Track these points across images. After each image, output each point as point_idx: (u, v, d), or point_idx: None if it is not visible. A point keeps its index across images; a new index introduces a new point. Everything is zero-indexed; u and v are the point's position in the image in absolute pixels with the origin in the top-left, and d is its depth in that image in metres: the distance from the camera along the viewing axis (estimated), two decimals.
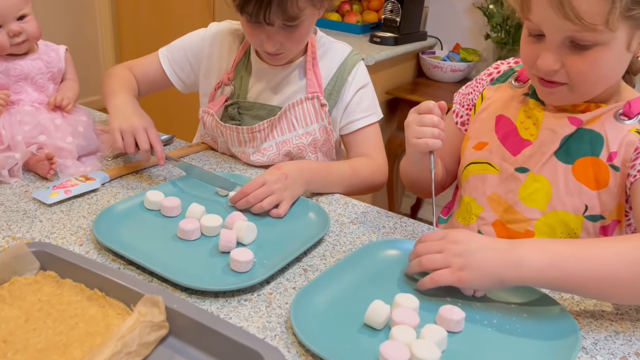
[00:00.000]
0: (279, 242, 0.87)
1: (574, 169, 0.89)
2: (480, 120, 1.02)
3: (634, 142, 0.85)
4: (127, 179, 1.05)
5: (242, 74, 1.18)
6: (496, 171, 0.97)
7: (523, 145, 0.94)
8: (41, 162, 1.00)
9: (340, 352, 0.65)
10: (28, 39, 1.04)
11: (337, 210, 1.00)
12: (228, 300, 0.74)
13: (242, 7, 1.00)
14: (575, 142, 0.89)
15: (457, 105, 1.11)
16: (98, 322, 0.67)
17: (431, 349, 0.64)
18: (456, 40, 2.57)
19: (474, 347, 0.69)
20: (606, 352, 0.70)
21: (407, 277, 0.81)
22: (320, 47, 1.18)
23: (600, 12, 0.75)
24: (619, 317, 0.77)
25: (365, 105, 1.18)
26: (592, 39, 0.78)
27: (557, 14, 0.77)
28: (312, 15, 1.06)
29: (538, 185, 0.92)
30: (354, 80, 1.17)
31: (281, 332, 0.69)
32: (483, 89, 1.05)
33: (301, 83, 1.16)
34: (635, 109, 0.87)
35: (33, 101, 1.07)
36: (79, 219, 0.90)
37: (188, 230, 0.85)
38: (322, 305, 0.73)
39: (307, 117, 1.15)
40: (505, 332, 0.72)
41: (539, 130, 0.92)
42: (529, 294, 0.78)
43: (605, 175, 0.87)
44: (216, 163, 1.16)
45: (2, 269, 0.71)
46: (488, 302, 0.77)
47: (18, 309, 0.68)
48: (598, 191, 0.88)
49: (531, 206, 0.93)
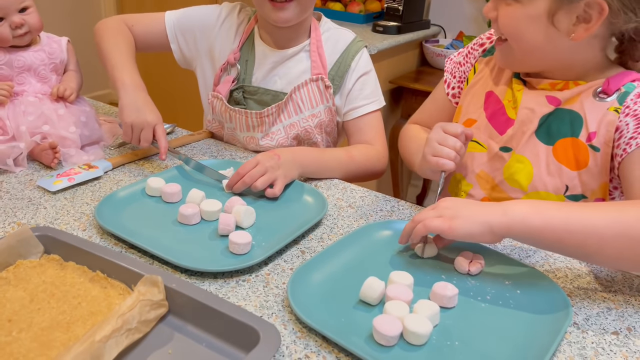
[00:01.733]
0: (277, 225, 0.89)
1: (554, 150, 0.91)
2: (471, 95, 1.04)
3: (613, 122, 0.86)
4: (129, 167, 1.07)
5: (246, 57, 1.19)
6: (484, 149, 0.98)
7: (509, 124, 0.95)
8: (45, 151, 1.03)
9: (335, 326, 0.67)
10: (30, 30, 1.06)
11: (336, 195, 1.01)
12: (227, 281, 0.76)
13: None
14: (556, 123, 0.91)
15: (448, 74, 1.11)
16: (100, 302, 0.69)
17: (423, 323, 0.65)
18: (460, 28, 2.57)
19: (467, 321, 0.70)
20: (598, 327, 0.71)
21: (402, 254, 0.83)
22: (324, 32, 1.19)
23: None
24: (612, 293, 0.78)
25: (367, 92, 1.19)
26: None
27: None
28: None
29: (520, 166, 0.93)
30: (357, 66, 1.18)
31: (278, 310, 0.71)
32: (475, 61, 1.06)
33: (305, 66, 1.17)
34: (613, 85, 0.87)
35: (36, 92, 1.09)
36: (82, 206, 0.92)
37: (188, 214, 0.87)
38: (318, 282, 0.75)
39: (312, 99, 1.16)
40: (498, 307, 0.73)
41: (518, 110, 0.93)
42: (523, 272, 0.79)
43: (585, 155, 0.88)
44: (217, 151, 1.18)
45: (7, 252, 0.73)
46: (482, 280, 0.78)
47: (23, 290, 0.70)
48: (578, 171, 0.89)
49: (514, 186, 0.94)
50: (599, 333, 0.70)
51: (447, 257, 0.83)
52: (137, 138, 1.03)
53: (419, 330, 0.65)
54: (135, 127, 1.02)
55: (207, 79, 1.25)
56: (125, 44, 1.16)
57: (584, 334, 0.70)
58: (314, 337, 0.66)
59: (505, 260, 0.82)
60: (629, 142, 0.83)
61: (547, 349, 0.64)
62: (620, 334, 0.70)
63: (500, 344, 0.67)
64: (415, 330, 0.64)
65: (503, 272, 0.80)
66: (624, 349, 0.68)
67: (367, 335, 0.66)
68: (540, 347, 0.65)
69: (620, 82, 0.86)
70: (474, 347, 0.66)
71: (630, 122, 0.84)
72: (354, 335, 0.66)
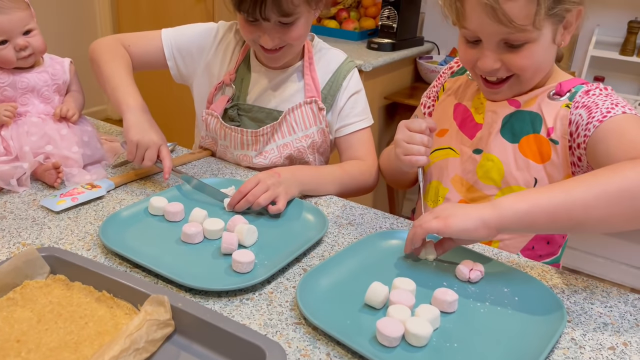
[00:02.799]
0: (279, 244, 0.90)
1: (520, 146, 0.97)
2: (441, 109, 1.11)
3: (566, 116, 0.94)
4: (131, 186, 1.08)
5: (242, 76, 1.22)
6: (457, 155, 1.04)
7: (477, 128, 1.03)
8: (48, 171, 1.04)
9: (341, 327, 0.70)
10: (34, 52, 1.08)
11: (336, 212, 1.03)
12: (231, 300, 0.77)
13: (239, 5, 1.04)
14: (518, 123, 0.98)
15: (425, 98, 1.19)
16: (107, 322, 0.70)
17: (424, 326, 0.69)
18: (453, 44, 2.61)
19: (466, 325, 0.74)
20: (595, 342, 0.73)
21: (405, 262, 0.87)
22: (316, 52, 1.22)
23: (528, 14, 0.85)
24: (608, 309, 0.80)
25: (358, 110, 1.23)
26: (523, 38, 0.89)
27: (491, 20, 0.87)
28: (307, 14, 1.09)
29: (491, 164, 0.99)
30: (348, 86, 1.22)
31: (282, 328, 0.72)
32: (444, 81, 1.14)
33: (298, 86, 1.20)
34: (565, 88, 0.96)
35: (39, 113, 1.10)
36: (86, 225, 0.93)
37: (191, 233, 0.89)
38: (325, 287, 0.79)
39: (306, 120, 1.19)
40: (497, 312, 0.77)
41: (485, 114, 1.01)
42: (521, 280, 0.83)
43: (547, 149, 0.96)
44: (217, 169, 1.20)
45: (14, 273, 0.74)
46: (482, 287, 0.82)
47: (30, 311, 0.71)
48: (543, 164, 0.96)
49: (488, 183, 1.00)
50: (596, 348, 0.72)
51: (449, 265, 0.86)
52: (140, 157, 1.04)
53: (419, 332, 0.68)
54: (140, 147, 1.04)
55: (203, 95, 1.27)
56: (124, 64, 1.17)
57: (582, 350, 0.72)
58: (319, 355, 0.68)
59: (504, 269, 0.86)
60: (587, 127, 0.89)
61: (542, 351, 0.67)
62: (617, 348, 0.72)
63: (498, 346, 0.70)
64: (416, 332, 0.68)
65: (502, 280, 0.83)
66: None
67: (371, 337, 0.70)
68: (536, 349, 0.68)
69: (571, 85, 0.96)
70: (473, 349, 0.69)
71: (583, 113, 0.91)
72: (359, 336, 0.70)
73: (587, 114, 0.90)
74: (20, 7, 1.05)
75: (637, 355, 0.71)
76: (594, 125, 0.88)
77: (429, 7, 2.58)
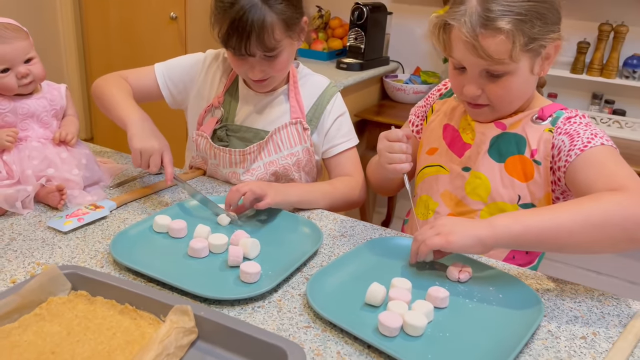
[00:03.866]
0: (280, 255, 0.97)
1: (506, 166, 1.07)
2: (430, 130, 1.20)
3: (549, 140, 1.04)
4: (132, 206, 1.13)
5: (230, 99, 1.30)
6: (446, 172, 1.14)
7: (465, 148, 1.12)
8: (52, 193, 1.08)
9: (347, 322, 0.79)
10: (34, 80, 1.13)
11: (328, 225, 1.11)
12: (243, 308, 0.83)
13: (226, 42, 1.14)
14: (504, 144, 1.07)
15: (412, 116, 1.29)
16: (133, 332, 0.75)
17: (419, 318, 0.79)
18: (416, 64, 2.75)
19: (457, 318, 0.84)
20: (568, 333, 0.83)
21: (401, 265, 0.97)
22: (301, 77, 1.31)
23: (505, 50, 0.95)
24: (577, 304, 0.90)
25: (344, 132, 1.32)
26: (502, 70, 0.98)
27: (472, 55, 0.97)
28: (290, 45, 1.19)
29: (479, 181, 1.09)
30: (333, 109, 1.31)
31: (294, 332, 0.79)
32: (433, 103, 1.24)
33: (284, 108, 1.29)
34: (546, 113, 1.06)
35: (39, 137, 1.14)
36: (95, 244, 0.98)
37: (198, 248, 0.95)
38: (329, 290, 0.88)
39: (291, 139, 1.27)
40: (483, 307, 0.87)
41: (475, 135, 1.11)
42: (505, 279, 0.93)
43: (531, 169, 1.05)
44: (212, 187, 1.26)
45: (40, 290, 0.79)
46: (470, 286, 0.92)
47: (58, 325, 0.76)
48: (527, 183, 1.06)
49: (475, 199, 1.10)
50: (570, 338, 0.82)
51: (441, 267, 0.96)
52: (146, 163, 1.11)
53: (416, 324, 0.78)
54: (144, 153, 1.10)
55: (195, 118, 1.34)
56: (125, 89, 1.26)
57: (557, 340, 0.82)
58: (330, 353, 0.75)
59: (490, 270, 0.96)
60: (569, 154, 1.00)
61: (522, 337, 0.78)
62: (588, 338, 0.82)
63: (484, 336, 0.80)
64: (413, 323, 0.78)
65: (488, 280, 0.93)
66: (592, 351, 0.80)
67: (373, 329, 0.79)
68: (517, 338, 0.78)
69: (552, 110, 1.06)
70: (462, 338, 0.79)
71: (565, 139, 1.01)
72: (363, 329, 0.79)
73: (570, 141, 1.00)
74: (22, 37, 1.10)
75: (606, 343, 0.81)
76: (575, 153, 0.98)
77: (394, 29, 2.72)
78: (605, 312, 0.89)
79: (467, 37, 0.95)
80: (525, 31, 0.95)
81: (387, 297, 0.86)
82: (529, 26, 0.95)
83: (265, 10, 1.10)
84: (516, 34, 0.94)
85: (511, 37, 0.94)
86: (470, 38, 0.95)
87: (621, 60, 2.29)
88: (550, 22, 0.97)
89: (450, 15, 0.98)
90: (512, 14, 0.94)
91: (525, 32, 0.95)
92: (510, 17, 0.94)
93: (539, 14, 0.95)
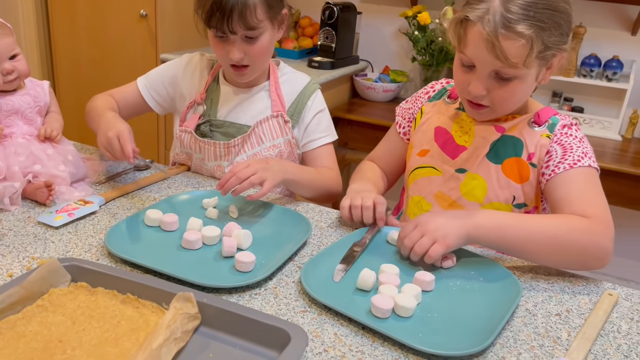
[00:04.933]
0: (272, 245, 1.01)
1: (503, 167, 1.12)
2: (421, 132, 1.23)
3: (545, 145, 1.09)
4: (120, 201, 1.15)
5: (212, 96, 1.33)
6: (439, 173, 1.17)
7: (459, 150, 1.15)
8: (40, 189, 1.08)
9: (342, 306, 0.84)
10: (19, 76, 1.13)
11: (315, 217, 1.15)
12: (241, 295, 0.87)
13: (209, 21, 1.17)
14: (502, 147, 1.12)
15: (399, 117, 1.31)
16: (137, 320, 0.78)
17: (409, 300, 0.84)
18: (385, 63, 2.82)
19: (442, 300, 0.90)
20: (544, 311, 0.90)
21: (388, 252, 1.02)
22: (282, 75, 1.35)
23: (522, 55, 0.97)
24: (550, 284, 0.97)
25: (323, 127, 1.37)
26: (512, 74, 1.01)
27: (489, 54, 0.98)
28: (270, 31, 1.23)
29: (475, 182, 1.13)
30: (313, 104, 1.35)
31: (292, 316, 0.83)
32: (422, 105, 1.26)
33: (266, 104, 1.33)
34: (542, 118, 1.11)
35: (24, 134, 1.15)
36: (88, 238, 0.99)
37: (192, 240, 0.97)
38: (322, 277, 0.92)
39: (273, 132, 1.31)
40: (466, 290, 0.93)
41: (472, 138, 1.14)
42: (484, 264, 1.00)
43: (527, 171, 1.11)
44: (197, 183, 1.28)
45: (41, 282, 0.80)
46: (453, 270, 0.98)
47: (62, 315, 0.78)
48: (522, 184, 1.11)
49: (471, 200, 1.14)
50: (546, 315, 0.89)
51: None
52: (119, 152, 1.13)
53: (406, 304, 0.83)
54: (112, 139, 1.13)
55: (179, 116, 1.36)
56: (110, 102, 1.32)
57: (534, 317, 0.88)
58: (327, 335, 0.79)
59: (471, 256, 1.02)
60: (558, 166, 1.06)
61: (504, 316, 0.84)
62: (562, 315, 0.89)
63: (469, 314, 0.86)
64: (403, 304, 0.83)
65: (469, 264, 0.99)
66: (566, 326, 0.86)
67: (366, 312, 0.83)
68: (499, 315, 0.84)
69: (547, 116, 1.11)
70: (449, 318, 0.85)
71: (558, 150, 1.07)
72: (357, 311, 0.83)
73: (562, 153, 1.06)
74: (6, 33, 1.10)
75: (579, 319, 0.88)
76: (564, 167, 1.05)
77: (363, 28, 2.78)
78: (576, 292, 0.96)
79: (488, 35, 0.95)
80: (544, 39, 0.96)
81: (377, 282, 0.90)
82: (547, 34, 0.96)
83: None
84: (535, 40, 0.95)
85: (530, 42, 0.95)
86: (491, 37, 0.95)
87: (579, 59, 2.41)
88: (565, 33, 1.00)
89: (471, 11, 0.98)
90: (533, 19, 0.95)
91: (544, 40, 0.96)
92: (532, 22, 0.95)
93: (557, 24, 0.97)
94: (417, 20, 2.52)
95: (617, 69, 2.34)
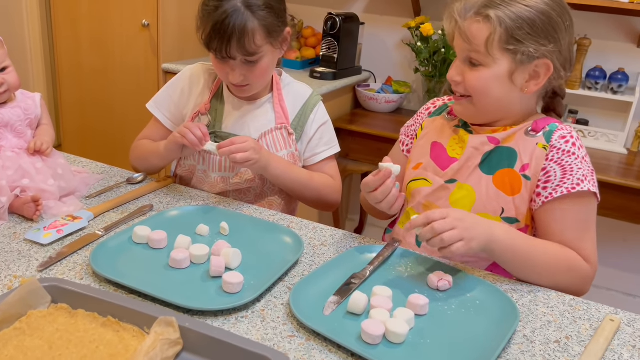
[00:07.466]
0: (262, 265, 0.98)
1: (494, 179, 1.10)
2: (419, 146, 1.23)
3: (542, 157, 1.07)
4: (109, 216, 1.12)
5: (216, 107, 1.32)
6: (429, 184, 1.16)
7: (450, 162, 1.15)
8: (27, 204, 1.06)
9: (330, 331, 0.80)
10: (9, 89, 1.11)
11: (308, 235, 1.12)
12: (227, 318, 0.84)
13: (208, 45, 1.18)
14: (496, 157, 1.10)
15: (403, 136, 1.30)
16: (116, 345, 0.75)
17: (401, 325, 0.81)
18: (388, 73, 2.79)
19: (436, 325, 0.86)
20: (543, 337, 0.86)
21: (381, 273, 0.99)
22: (285, 86, 1.35)
23: (482, 37, 1.01)
24: (550, 309, 0.94)
25: (326, 140, 1.37)
26: (478, 59, 1.03)
27: (460, 38, 1.04)
28: (271, 53, 1.22)
29: (464, 192, 1.12)
30: (316, 117, 1.35)
31: (278, 341, 0.80)
32: (422, 121, 1.26)
33: (270, 116, 1.32)
34: (540, 125, 1.09)
35: (13, 147, 1.13)
36: (74, 256, 0.97)
37: (180, 259, 0.95)
38: (312, 299, 0.88)
39: (277, 144, 1.30)
40: (461, 315, 0.89)
41: (464, 149, 1.13)
42: (482, 287, 0.96)
43: (519, 183, 1.08)
44: (189, 197, 1.26)
45: (19, 303, 0.78)
46: (448, 293, 0.95)
47: (39, 339, 0.75)
48: (513, 197, 1.09)
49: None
50: (544, 342, 0.85)
51: (420, 275, 0.99)
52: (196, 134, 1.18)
53: (398, 331, 0.79)
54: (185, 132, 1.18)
55: None
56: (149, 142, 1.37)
57: (532, 344, 0.84)
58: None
59: (467, 278, 0.99)
60: (556, 189, 1.04)
61: (500, 343, 0.80)
62: (561, 342, 0.86)
63: (463, 341, 0.83)
64: (395, 330, 0.79)
65: (465, 287, 0.96)
66: (565, 354, 0.83)
67: (356, 338, 0.80)
68: (495, 342, 0.81)
69: (545, 123, 1.09)
70: (443, 344, 0.82)
71: (558, 171, 1.05)
72: (346, 337, 0.80)
73: (562, 175, 1.04)
74: None
75: (578, 346, 0.85)
76: (562, 191, 1.03)
77: (366, 39, 2.75)
78: (577, 317, 0.92)
79: (457, 17, 1.03)
80: (509, 28, 0.99)
81: (369, 305, 0.87)
82: (515, 26, 0.99)
83: (248, 15, 1.13)
84: (497, 26, 0.99)
85: (491, 26, 0.99)
86: (460, 19, 1.02)
87: (584, 72, 2.37)
88: (542, 35, 1.00)
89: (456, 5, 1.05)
90: (501, 6, 1.00)
91: (508, 29, 0.99)
92: (499, 11, 1.00)
93: (530, 21, 0.99)
94: (420, 32, 2.50)
95: (622, 81, 2.30)
